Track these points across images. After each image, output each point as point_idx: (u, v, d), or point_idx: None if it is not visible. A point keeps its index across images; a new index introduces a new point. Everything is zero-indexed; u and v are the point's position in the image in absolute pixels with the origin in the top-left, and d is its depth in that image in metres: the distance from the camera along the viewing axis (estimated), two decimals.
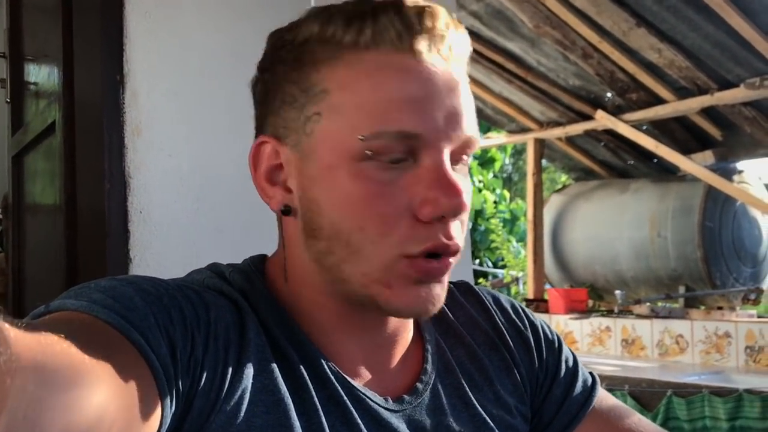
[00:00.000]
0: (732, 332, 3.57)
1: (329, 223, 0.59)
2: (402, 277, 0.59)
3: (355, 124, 0.57)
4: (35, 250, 2.07)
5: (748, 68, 3.63)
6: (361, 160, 0.57)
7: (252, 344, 0.59)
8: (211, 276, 0.64)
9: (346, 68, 0.59)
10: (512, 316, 0.78)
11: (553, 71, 4.34)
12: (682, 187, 4.53)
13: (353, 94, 0.58)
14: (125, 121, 1.45)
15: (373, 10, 0.59)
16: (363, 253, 0.58)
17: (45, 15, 1.85)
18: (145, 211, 1.45)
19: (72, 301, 0.52)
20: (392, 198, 0.58)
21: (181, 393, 0.53)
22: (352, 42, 0.59)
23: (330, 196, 0.59)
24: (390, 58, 0.58)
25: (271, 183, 0.63)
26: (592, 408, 0.76)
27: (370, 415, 0.62)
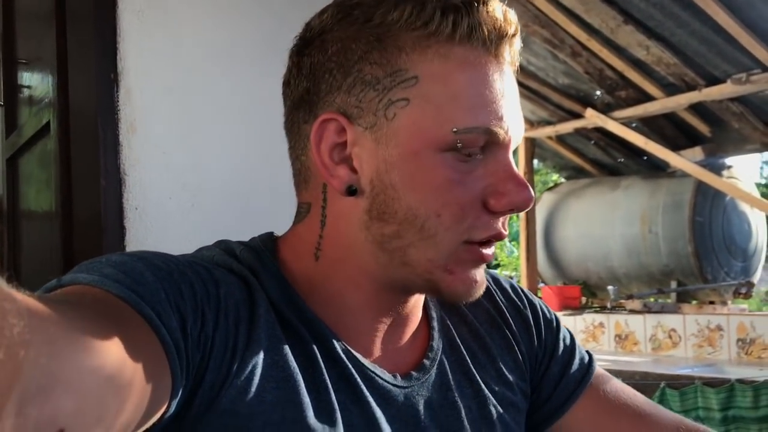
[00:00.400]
0: (724, 325, 3.60)
1: (405, 208, 0.60)
2: (462, 263, 0.61)
3: (449, 116, 0.59)
4: (31, 252, 2.08)
5: (735, 64, 3.67)
6: (446, 150, 0.59)
7: (262, 320, 0.59)
8: (221, 253, 0.64)
9: (439, 58, 0.59)
10: (512, 296, 0.80)
11: (543, 70, 4.37)
12: (672, 183, 4.57)
13: (446, 86, 0.59)
14: (120, 119, 1.46)
15: (467, 4, 0.59)
16: (434, 239, 0.60)
17: (39, 20, 1.86)
18: (141, 208, 1.47)
19: (84, 275, 0.52)
20: (468, 188, 0.60)
21: (191, 367, 0.53)
22: (448, 33, 0.59)
23: (410, 181, 0.60)
24: (479, 55, 0.60)
25: (333, 161, 0.62)
26: (590, 384, 0.77)
27: (379, 392, 0.63)
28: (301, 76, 0.64)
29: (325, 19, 0.63)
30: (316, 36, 0.63)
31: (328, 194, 0.64)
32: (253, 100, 1.60)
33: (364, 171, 0.61)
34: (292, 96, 0.66)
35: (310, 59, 0.63)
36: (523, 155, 5.08)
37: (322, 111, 0.62)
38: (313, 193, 0.65)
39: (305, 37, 0.65)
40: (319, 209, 0.65)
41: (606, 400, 0.77)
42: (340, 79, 0.61)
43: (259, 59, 1.62)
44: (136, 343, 0.48)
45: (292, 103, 0.66)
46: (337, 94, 0.61)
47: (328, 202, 0.64)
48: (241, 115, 1.59)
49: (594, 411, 0.77)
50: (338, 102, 0.61)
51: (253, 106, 1.61)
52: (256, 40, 1.62)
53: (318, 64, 0.62)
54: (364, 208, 0.61)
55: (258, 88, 1.61)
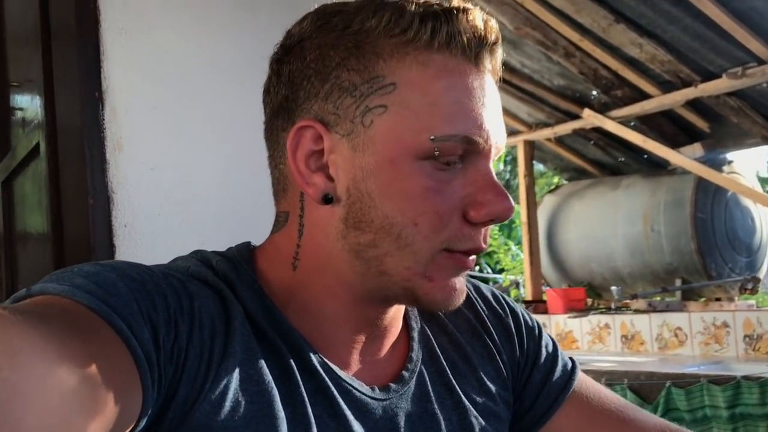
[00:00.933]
0: (730, 322, 3.58)
1: (382, 216, 0.59)
2: (441, 270, 0.61)
3: (427, 123, 0.58)
4: (27, 274, 2.08)
5: (730, 58, 3.66)
6: (424, 159, 0.58)
7: (237, 333, 0.58)
8: (197, 263, 0.63)
9: (417, 66, 0.59)
10: (493, 304, 0.79)
11: (537, 72, 4.37)
12: (672, 180, 4.55)
13: (425, 94, 0.59)
14: (106, 137, 1.47)
15: (446, 12, 0.59)
16: (411, 248, 0.59)
17: (26, 40, 1.87)
18: (130, 225, 1.47)
19: (54, 285, 0.51)
20: (446, 197, 0.59)
21: (163, 381, 0.52)
22: (426, 41, 0.59)
23: (386, 189, 0.59)
24: (458, 63, 0.60)
25: (309, 169, 0.62)
26: (572, 391, 0.77)
27: (357, 405, 0.62)
28: (281, 84, 0.64)
29: (304, 26, 0.63)
30: (296, 43, 0.63)
31: (305, 203, 0.63)
32: (239, 114, 1.60)
33: (341, 179, 0.60)
34: (271, 104, 0.65)
35: (289, 66, 0.63)
36: (522, 158, 5.07)
37: (300, 118, 0.61)
38: (290, 201, 0.65)
39: (285, 44, 0.65)
40: (296, 218, 0.64)
41: (589, 406, 0.77)
42: (318, 86, 0.61)
43: (243, 74, 1.62)
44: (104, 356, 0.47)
45: (272, 111, 0.65)
46: (315, 101, 0.61)
47: (305, 210, 0.63)
48: (228, 129, 1.59)
49: (577, 418, 0.76)
50: (315, 109, 0.61)
51: (239, 121, 1.60)
52: (240, 55, 1.62)
53: (296, 71, 0.62)
54: (341, 216, 0.61)
55: (243, 102, 1.61)
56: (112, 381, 0.47)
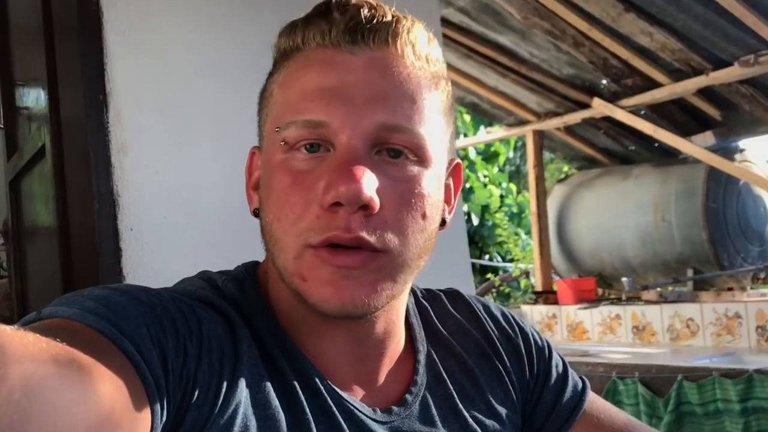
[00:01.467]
0: (742, 313, 3.55)
1: (264, 219, 0.62)
2: (313, 269, 0.57)
3: (276, 118, 0.62)
4: (35, 274, 2.08)
5: (742, 46, 3.61)
6: (284, 152, 0.60)
7: (245, 357, 0.58)
8: (202, 286, 0.63)
9: (284, 71, 0.63)
10: (503, 324, 0.78)
11: (546, 62, 4.33)
12: (684, 169, 4.51)
13: (282, 94, 0.62)
14: (111, 141, 1.46)
15: (307, 15, 0.63)
16: (280, 244, 0.60)
17: (31, 39, 1.87)
18: (136, 229, 1.46)
19: (64, 308, 0.51)
20: (304, 188, 0.58)
21: (172, 405, 0.52)
22: (288, 48, 0.63)
23: (265, 191, 0.62)
24: (314, 54, 0.61)
25: (254, 189, 0.66)
26: (583, 412, 0.77)
27: (358, 426, 0.62)
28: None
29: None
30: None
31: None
32: (243, 115, 1.59)
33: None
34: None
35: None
36: (531, 148, 5.04)
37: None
38: None
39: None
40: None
41: (600, 426, 0.76)
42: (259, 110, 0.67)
43: (247, 75, 1.61)
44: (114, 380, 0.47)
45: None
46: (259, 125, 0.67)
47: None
48: (232, 131, 1.58)
49: None
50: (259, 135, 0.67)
51: (243, 122, 1.59)
52: (243, 56, 1.61)
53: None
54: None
55: (248, 103, 1.60)
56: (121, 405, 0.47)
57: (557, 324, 4.41)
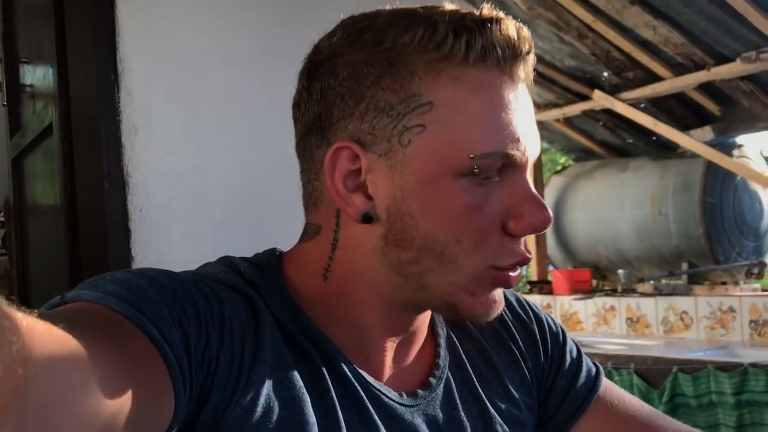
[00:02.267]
0: (736, 307, 3.58)
1: (424, 235, 0.59)
2: (484, 285, 0.61)
3: (466, 141, 0.58)
4: (38, 253, 2.08)
5: (744, 42, 3.62)
6: (463, 176, 0.58)
7: (268, 339, 0.58)
8: (225, 270, 0.63)
9: (452, 82, 0.58)
10: (517, 309, 0.79)
11: (549, 53, 4.33)
12: (681, 163, 4.53)
13: (461, 111, 0.58)
14: (122, 121, 1.45)
15: (480, 24, 0.58)
16: (455, 265, 0.59)
17: (38, 17, 1.85)
18: (145, 210, 1.46)
19: (87, 292, 0.52)
20: (487, 212, 0.59)
21: (195, 386, 0.53)
22: (462, 55, 0.58)
23: (427, 208, 0.59)
24: (494, 76, 0.59)
25: (348, 189, 0.61)
26: (597, 397, 0.77)
27: (386, 411, 0.63)
28: (312, 101, 0.63)
29: (334, 42, 0.62)
30: (326, 59, 0.62)
31: (342, 220, 0.63)
32: (255, 97, 1.59)
33: (380, 198, 0.60)
34: (303, 120, 0.65)
35: (320, 83, 0.62)
36: None
37: (335, 138, 0.61)
38: (324, 216, 0.64)
39: (314, 59, 0.64)
40: (330, 233, 0.64)
41: (614, 412, 0.77)
42: (352, 105, 0.60)
43: (259, 57, 1.60)
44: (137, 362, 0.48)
45: (304, 127, 0.65)
46: (350, 120, 0.60)
47: (341, 227, 0.63)
48: (244, 113, 1.57)
49: (602, 424, 0.76)
50: (351, 129, 0.60)
51: (255, 104, 1.59)
52: (256, 37, 1.60)
53: (329, 89, 0.61)
54: (380, 234, 0.61)
55: (259, 85, 1.59)
56: (145, 386, 0.47)
57: (551, 314, 4.43)
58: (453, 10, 0.59)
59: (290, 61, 1.75)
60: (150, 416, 0.48)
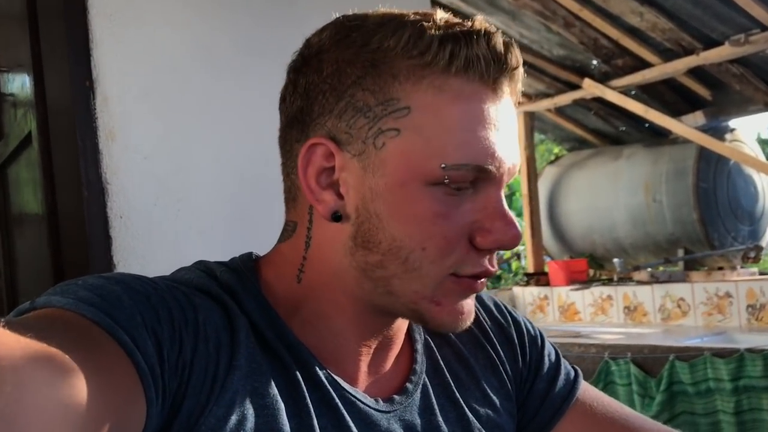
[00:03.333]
0: (733, 292, 3.57)
1: (389, 239, 0.59)
2: (449, 294, 0.61)
3: (439, 150, 0.57)
4: (24, 261, 2.07)
5: (732, 25, 3.60)
6: (433, 184, 0.58)
7: (243, 346, 0.58)
8: (200, 275, 0.63)
9: (433, 90, 0.58)
10: (495, 314, 0.79)
11: (537, 42, 4.31)
12: (674, 149, 4.51)
13: (438, 119, 0.58)
14: (98, 127, 1.44)
15: (467, 35, 0.58)
16: (419, 272, 0.59)
17: (14, 23, 1.83)
18: (126, 216, 1.45)
19: (58, 298, 0.51)
20: (455, 222, 0.59)
21: (168, 393, 0.52)
22: (444, 64, 0.57)
23: (395, 212, 0.59)
24: (476, 88, 0.58)
25: (320, 186, 0.61)
26: (575, 400, 0.77)
27: (361, 417, 0.62)
28: (296, 95, 0.63)
29: (323, 38, 0.62)
30: (314, 55, 0.62)
31: (314, 216, 0.63)
32: (233, 99, 1.57)
33: (350, 197, 0.60)
34: (286, 113, 0.65)
35: (305, 78, 0.62)
36: (522, 129, 5.03)
37: (313, 133, 0.61)
38: (299, 212, 0.64)
39: (303, 54, 0.64)
40: (304, 230, 0.64)
41: (593, 414, 0.77)
42: (333, 102, 0.60)
43: (236, 57, 1.58)
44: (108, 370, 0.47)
45: (286, 120, 0.65)
46: (328, 117, 0.60)
47: (313, 224, 0.63)
48: (223, 115, 1.56)
49: (582, 426, 0.76)
50: (328, 126, 0.60)
51: (233, 105, 1.57)
52: (232, 37, 1.58)
53: (312, 84, 0.62)
54: (350, 234, 0.61)
55: (237, 85, 1.58)
56: (115, 394, 0.47)
57: (549, 305, 4.43)
58: (443, 19, 0.59)
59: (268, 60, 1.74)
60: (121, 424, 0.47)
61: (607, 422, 0.76)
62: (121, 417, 0.47)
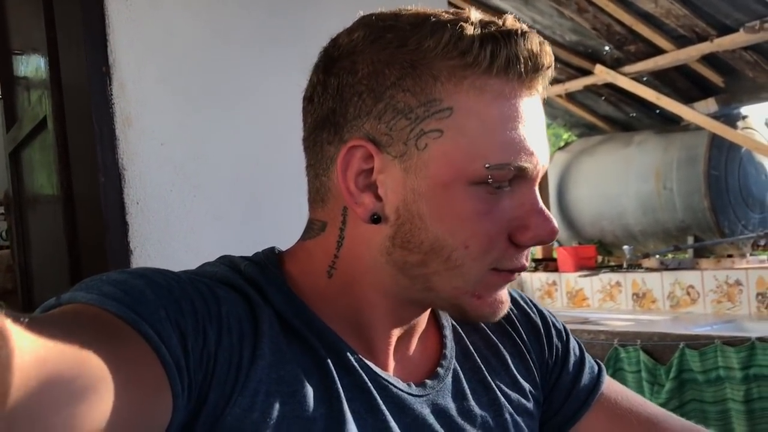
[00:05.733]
0: (743, 280, 3.56)
1: (432, 239, 0.59)
2: (489, 287, 0.62)
3: (482, 151, 0.58)
4: (39, 246, 2.07)
5: (747, 12, 3.57)
6: (476, 184, 0.59)
7: (266, 336, 0.58)
8: (224, 269, 0.63)
9: (474, 91, 0.58)
10: (521, 303, 0.80)
11: (549, 28, 4.28)
12: (686, 136, 4.48)
13: (480, 120, 0.58)
14: (115, 112, 1.44)
15: (505, 35, 0.58)
16: (461, 269, 0.60)
17: (28, 7, 1.83)
18: (142, 202, 1.45)
19: (83, 293, 0.52)
20: (496, 219, 0.60)
21: (194, 386, 0.53)
22: (486, 65, 0.58)
23: (438, 213, 0.59)
24: (513, 88, 0.59)
25: (358, 188, 0.61)
26: (600, 394, 0.78)
27: (394, 401, 0.63)
28: (327, 95, 0.62)
29: (355, 39, 0.61)
30: (345, 55, 0.61)
31: (349, 218, 0.63)
32: (248, 85, 1.57)
33: (390, 199, 0.60)
34: (315, 114, 0.64)
35: (337, 79, 0.61)
36: None
37: (350, 135, 0.61)
38: (330, 213, 0.64)
39: (333, 55, 0.63)
40: (336, 230, 0.64)
41: (617, 408, 0.78)
42: (371, 104, 0.60)
43: (252, 44, 1.58)
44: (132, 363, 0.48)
45: (315, 121, 0.64)
46: (366, 119, 0.60)
47: (347, 225, 0.63)
48: (238, 101, 1.56)
49: (606, 420, 0.77)
50: (367, 128, 0.60)
51: (249, 92, 1.57)
52: (250, 24, 1.58)
53: (346, 85, 0.61)
54: (388, 235, 0.61)
55: (253, 73, 1.57)
56: (141, 387, 0.48)
57: (557, 291, 4.42)
58: (479, 18, 0.59)
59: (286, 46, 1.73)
60: (147, 417, 0.48)
61: (632, 416, 0.77)
62: (146, 410, 0.48)
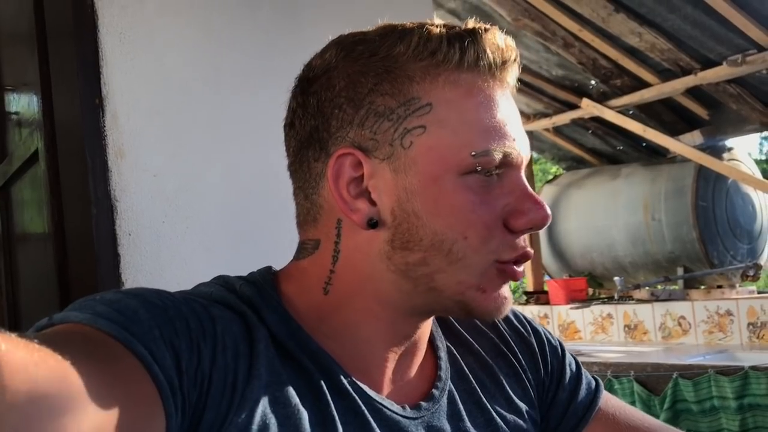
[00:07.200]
0: (733, 310, 3.57)
1: (431, 234, 0.60)
2: (493, 281, 0.62)
3: (466, 140, 0.60)
4: (28, 281, 2.05)
5: (730, 46, 3.64)
6: (466, 174, 0.60)
7: (262, 356, 0.58)
8: (220, 289, 0.63)
9: (449, 85, 0.61)
10: (515, 324, 0.80)
11: (536, 63, 4.34)
12: (673, 168, 4.53)
13: (460, 111, 0.60)
14: (107, 144, 1.44)
15: (471, 32, 0.61)
16: (463, 262, 0.60)
17: (21, 43, 1.84)
18: (134, 234, 1.44)
19: (76, 313, 0.52)
20: (490, 207, 0.61)
21: (188, 406, 0.52)
22: (456, 61, 0.61)
23: (433, 207, 0.60)
24: (486, 80, 0.62)
25: (352, 195, 0.62)
26: (598, 409, 0.78)
27: (388, 424, 0.62)
28: (308, 115, 0.64)
29: (327, 57, 0.63)
30: (321, 74, 0.63)
31: (343, 229, 0.63)
32: (241, 119, 1.58)
33: (384, 202, 0.61)
34: (298, 136, 0.65)
35: (316, 98, 0.63)
36: None
37: (335, 147, 0.62)
38: (323, 229, 0.64)
39: (308, 77, 0.65)
40: (330, 245, 0.64)
41: (616, 423, 0.77)
42: (351, 113, 0.61)
43: (244, 77, 1.59)
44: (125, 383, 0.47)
45: (299, 143, 0.65)
46: (350, 128, 0.61)
47: (342, 237, 0.64)
48: (231, 134, 1.56)
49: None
50: (351, 136, 0.61)
51: (242, 124, 1.58)
52: (242, 57, 1.59)
53: (325, 101, 0.62)
54: (386, 239, 0.61)
55: (247, 105, 1.58)
56: (134, 408, 0.47)
57: (549, 324, 4.42)
58: (442, 23, 0.62)
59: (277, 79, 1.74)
60: None
61: (631, 429, 0.76)
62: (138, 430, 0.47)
